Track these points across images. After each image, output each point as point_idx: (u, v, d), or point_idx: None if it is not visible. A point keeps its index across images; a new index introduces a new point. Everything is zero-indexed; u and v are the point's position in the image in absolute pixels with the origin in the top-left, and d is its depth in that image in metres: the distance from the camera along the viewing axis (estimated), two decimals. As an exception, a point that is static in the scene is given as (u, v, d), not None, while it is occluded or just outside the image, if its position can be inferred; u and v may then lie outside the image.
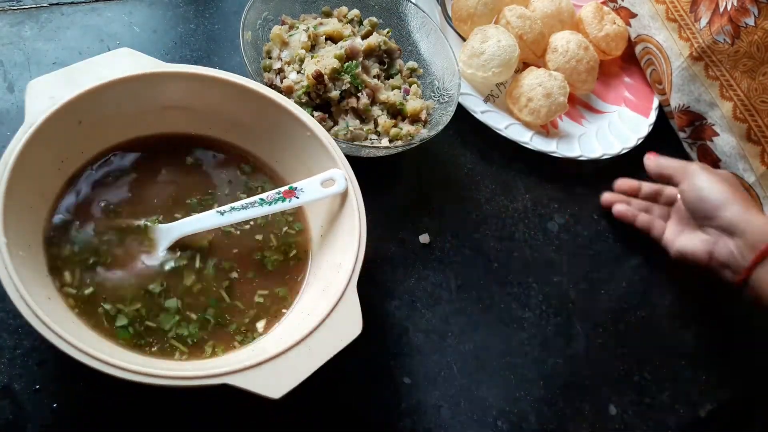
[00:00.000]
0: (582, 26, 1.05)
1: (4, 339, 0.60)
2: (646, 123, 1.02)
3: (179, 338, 0.60)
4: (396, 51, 0.87)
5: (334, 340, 0.57)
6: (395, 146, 0.77)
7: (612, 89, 1.06)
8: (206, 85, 0.68)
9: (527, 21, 0.97)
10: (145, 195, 0.66)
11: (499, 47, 0.90)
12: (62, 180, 0.63)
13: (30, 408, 0.58)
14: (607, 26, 1.04)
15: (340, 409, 0.66)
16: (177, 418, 0.61)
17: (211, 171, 0.71)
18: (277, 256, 0.68)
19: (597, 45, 1.03)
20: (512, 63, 0.91)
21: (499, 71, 0.91)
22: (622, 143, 0.97)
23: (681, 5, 0.98)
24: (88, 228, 0.62)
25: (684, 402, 0.79)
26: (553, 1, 1.03)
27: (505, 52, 0.90)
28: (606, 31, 1.04)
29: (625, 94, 1.06)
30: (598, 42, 1.03)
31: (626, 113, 1.03)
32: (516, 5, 0.99)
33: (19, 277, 0.51)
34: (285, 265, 0.68)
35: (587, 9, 1.06)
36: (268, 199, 0.65)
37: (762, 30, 0.86)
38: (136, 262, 0.62)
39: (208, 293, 0.63)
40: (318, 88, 0.78)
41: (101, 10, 0.84)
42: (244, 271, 0.66)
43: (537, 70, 0.94)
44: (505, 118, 0.92)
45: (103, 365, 0.50)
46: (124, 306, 0.60)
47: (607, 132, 0.99)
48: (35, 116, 0.59)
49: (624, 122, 1.01)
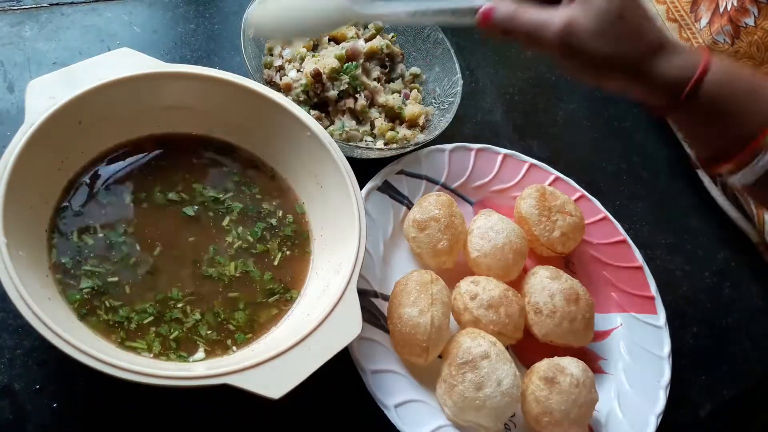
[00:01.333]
0: (526, 226, 0.79)
1: (4, 339, 0.60)
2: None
3: (180, 339, 0.60)
4: (398, 55, 0.87)
5: (334, 340, 0.57)
6: (389, 149, 0.77)
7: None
8: (206, 85, 0.68)
9: (500, 307, 0.70)
10: (145, 194, 0.67)
11: (503, 393, 0.64)
12: (62, 180, 0.63)
13: (30, 408, 0.58)
14: (560, 221, 0.78)
15: (340, 409, 0.66)
16: (177, 418, 0.61)
17: (211, 170, 0.71)
18: (277, 256, 0.68)
19: (550, 247, 0.79)
20: (518, 398, 0.67)
21: (503, 422, 0.68)
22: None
23: (681, 5, 0.98)
24: (88, 228, 0.62)
25: (684, 402, 0.79)
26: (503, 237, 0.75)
27: (512, 396, 0.65)
28: (560, 228, 0.78)
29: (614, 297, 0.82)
30: (553, 245, 0.79)
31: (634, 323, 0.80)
32: (467, 282, 0.72)
33: (19, 277, 0.51)
34: (285, 265, 0.68)
35: (528, 202, 0.79)
36: None
37: (762, 30, 0.86)
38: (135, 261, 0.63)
39: (208, 293, 0.63)
40: (316, 87, 0.78)
41: (101, 10, 0.84)
42: (244, 270, 0.66)
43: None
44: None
45: (103, 365, 0.50)
46: (124, 306, 0.60)
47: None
48: (35, 116, 0.59)
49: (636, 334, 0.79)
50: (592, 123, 1.03)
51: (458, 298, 0.71)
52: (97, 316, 0.58)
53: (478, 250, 0.75)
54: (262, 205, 0.71)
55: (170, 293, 0.62)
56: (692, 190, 1.01)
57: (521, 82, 1.03)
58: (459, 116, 0.83)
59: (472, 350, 0.65)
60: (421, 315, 0.66)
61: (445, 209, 0.75)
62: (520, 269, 0.77)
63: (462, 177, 0.84)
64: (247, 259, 0.67)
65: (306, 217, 0.71)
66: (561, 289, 0.73)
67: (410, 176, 0.81)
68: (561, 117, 1.02)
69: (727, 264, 0.95)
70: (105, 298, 0.59)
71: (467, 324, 0.70)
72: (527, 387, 0.67)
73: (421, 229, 0.74)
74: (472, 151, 0.85)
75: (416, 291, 0.67)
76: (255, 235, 0.68)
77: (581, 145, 1.00)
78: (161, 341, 0.59)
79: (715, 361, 0.84)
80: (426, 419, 0.65)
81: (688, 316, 0.87)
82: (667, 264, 0.91)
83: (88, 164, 0.65)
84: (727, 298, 0.91)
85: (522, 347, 0.74)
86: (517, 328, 0.71)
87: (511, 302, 0.71)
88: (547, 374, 0.66)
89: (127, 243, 0.63)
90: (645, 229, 0.93)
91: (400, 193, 0.79)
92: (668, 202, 0.99)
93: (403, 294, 0.68)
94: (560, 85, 1.06)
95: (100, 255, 0.61)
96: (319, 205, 0.70)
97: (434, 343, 0.66)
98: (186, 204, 0.68)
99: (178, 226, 0.66)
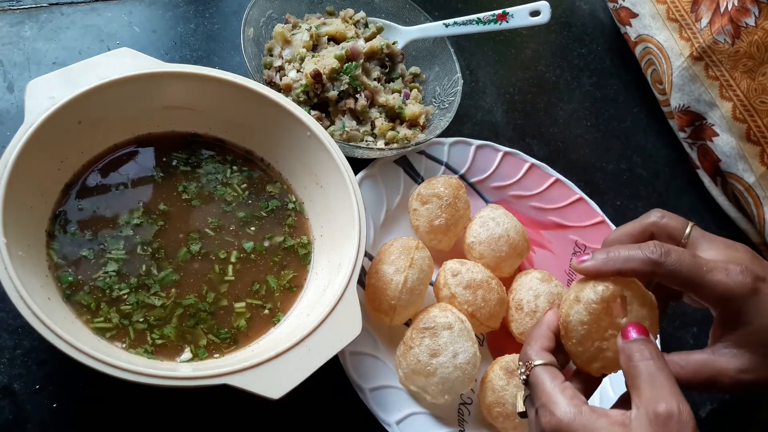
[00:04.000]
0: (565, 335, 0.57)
1: (4, 339, 0.60)
2: None
3: (180, 339, 0.60)
4: (398, 55, 0.87)
5: (333, 340, 0.57)
6: (390, 149, 0.77)
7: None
8: (206, 85, 0.68)
9: (478, 290, 0.69)
10: (145, 194, 0.66)
11: (455, 366, 0.64)
12: (62, 180, 0.63)
13: (30, 408, 0.58)
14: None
15: (339, 409, 0.66)
16: (177, 418, 0.61)
17: (211, 170, 0.71)
18: (277, 256, 0.68)
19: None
20: (473, 378, 0.66)
21: (453, 398, 0.67)
22: None
23: (682, 5, 0.98)
24: (88, 228, 0.62)
25: (684, 402, 0.79)
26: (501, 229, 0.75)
27: (464, 372, 0.65)
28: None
29: None
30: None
31: None
32: (454, 261, 0.72)
33: (19, 277, 0.51)
34: (285, 265, 0.68)
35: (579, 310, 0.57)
36: (483, 20, 0.78)
37: (762, 30, 0.86)
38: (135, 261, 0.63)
39: (208, 294, 0.63)
40: (316, 88, 0.78)
41: (101, 10, 0.84)
42: (245, 271, 0.66)
43: None
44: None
45: (103, 365, 0.50)
46: (124, 306, 0.60)
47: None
48: (35, 116, 0.59)
49: None
50: (592, 123, 1.03)
51: (441, 274, 0.72)
52: (98, 316, 0.58)
53: (474, 236, 0.76)
54: (262, 204, 0.71)
55: (170, 293, 0.62)
56: (692, 190, 1.01)
57: (521, 82, 1.03)
58: (459, 116, 0.83)
59: (436, 319, 0.66)
60: (396, 273, 0.67)
61: (451, 190, 0.76)
62: (513, 268, 0.77)
63: (483, 174, 0.85)
64: (246, 258, 0.67)
65: (306, 217, 0.71)
66: (548, 293, 0.72)
67: (430, 158, 0.83)
68: (561, 117, 1.02)
69: (727, 264, 0.95)
70: (105, 298, 0.59)
71: (444, 299, 0.71)
72: (487, 375, 0.68)
73: (423, 203, 0.75)
74: (499, 152, 0.86)
75: (398, 252, 0.69)
76: (254, 235, 0.68)
77: (581, 145, 1.00)
78: (161, 341, 0.59)
79: (715, 361, 0.84)
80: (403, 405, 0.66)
81: (688, 316, 0.87)
82: (667, 264, 0.91)
83: (88, 164, 0.65)
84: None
85: (498, 343, 0.75)
86: (493, 316, 0.71)
87: (492, 289, 0.71)
88: (509, 365, 0.67)
89: (127, 243, 0.63)
90: (645, 229, 0.93)
91: (415, 170, 0.82)
92: (668, 202, 0.99)
93: (386, 254, 0.70)
94: (560, 85, 1.06)
95: (100, 255, 0.61)
96: (319, 206, 0.70)
97: (403, 304, 0.67)
98: (186, 203, 0.68)
99: (178, 225, 0.66)
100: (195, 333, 0.61)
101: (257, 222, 0.69)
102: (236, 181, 0.71)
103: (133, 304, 0.60)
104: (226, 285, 0.64)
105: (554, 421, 0.47)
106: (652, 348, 0.48)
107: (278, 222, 0.70)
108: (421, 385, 0.65)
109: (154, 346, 0.59)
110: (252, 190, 0.71)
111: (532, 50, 1.09)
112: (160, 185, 0.68)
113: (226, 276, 0.65)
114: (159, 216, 0.66)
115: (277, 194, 0.72)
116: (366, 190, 0.77)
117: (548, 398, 0.48)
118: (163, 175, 0.68)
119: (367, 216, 0.74)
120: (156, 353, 0.58)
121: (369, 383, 0.65)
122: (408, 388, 0.67)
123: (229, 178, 0.71)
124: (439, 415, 0.67)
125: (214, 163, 0.71)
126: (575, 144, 0.99)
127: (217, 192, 0.70)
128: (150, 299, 0.61)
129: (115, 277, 0.61)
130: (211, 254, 0.65)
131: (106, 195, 0.65)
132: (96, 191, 0.65)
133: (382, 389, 0.66)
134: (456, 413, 0.68)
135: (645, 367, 0.47)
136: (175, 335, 0.60)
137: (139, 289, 0.61)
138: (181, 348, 0.60)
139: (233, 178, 0.71)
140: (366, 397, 0.64)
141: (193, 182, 0.69)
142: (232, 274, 0.65)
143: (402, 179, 0.80)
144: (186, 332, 0.60)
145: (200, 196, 0.69)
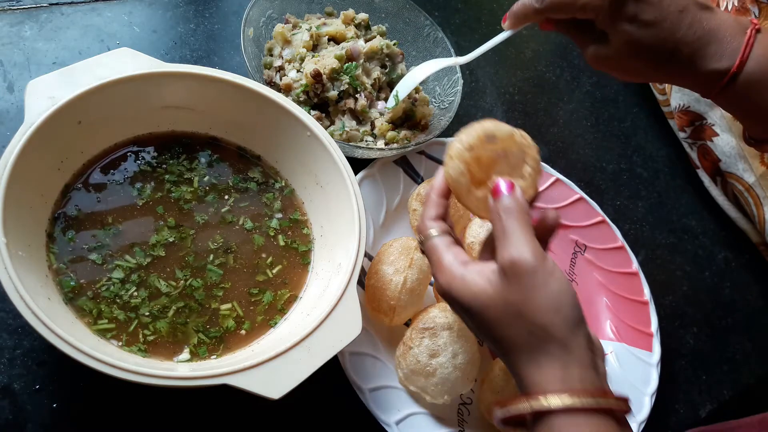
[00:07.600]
0: None
1: (4, 339, 0.60)
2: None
3: (180, 339, 0.60)
4: (398, 55, 0.87)
5: (333, 340, 0.57)
6: (390, 149, 0.77)
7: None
8: (206, 85, 0.68)
9: None
10: (144, 194, 0.67)
11: (455, 366, 0.65)
12: (62, 180, 0.63)
13: (30, 408, 0.58)
14: None
15: (339, 409, 0.66)
16: (176, 418, 0.61)
17: (210, 170, 0.71)
18: (277, 256, 0.68)
19: None
20: (472, 378, 0.67)
21: (452, 398, 0.67)
22: None
23: (681, 5, 0.98)
24: (88, 228, 0.62)
25: (684, 402, 0.79)
26: None
27: (464, 373, 0.65)
28: None
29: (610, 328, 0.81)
30: None
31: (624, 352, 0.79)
32: None
33: (19, 277, 0.51)
34: (285, 265, 0.68)
35: None
36: None
37: (762, 30, 0.86)
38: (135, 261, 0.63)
39: (208, 294, 0.63)
40: (316, 88, 0.78)
41: (101, 10, 0.84)
42: (245, 271, 0.66)
43: None
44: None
45: (103, 365, 0.50)
46: (124, 306, 0.60)
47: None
48: (35, 116, 0.59)
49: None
50: (592, 123, 1.03)
51: None
52: (98, 315, 0.58)
53: (473, 236, 0.76)
54: (261, 204, 0.71)
55: (171, 293, 0.62)
56: (692, 190, 1.01)
57: (521, 82, 1.03)
58: (459, 116, 0.83)
59: (436, 319, 0.66)
60: (396, 274, 0.67)
61: None
62: None
63: None
64: (246, 258, 0.67)
65: (306, 217, 0.71)
66: None
67: (430, 159, 0.82)
68: (561, 117, 1.02)
69: (727, 264, 0.95)
70: (105, 298, 0.59)
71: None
72: (487, 375, 0.68)
73: (423, 203, 0.74)
74: None
75: (398, 253, 0.69)
76: (254, 235, 0.68)
77: (581, 145, 1.00)
78: (161, 341, 0.59)
79: (715, 361, 0.85)
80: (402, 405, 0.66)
81: (688, 316, 0.87)
82: (667, 264, 0.91)
83: (88, 164, 0.65)
84: (727, 298, 0.91)
85: None
86: None
87: None
88: None
89: (127, 243, 0.63)
90: (645, 229, 0.93)
91: (415, 170, 0.81)
92: (668, 202, 0.99)
93: (386, 254, 0.70)
94: (560, 85, 1.06)
95: (100, 255, 0.61)
96: (319, 206, 0.70)
97: (402, 304, 0.67)
98: (186, 204, 0.68)
99: (178, 225, 0.66)
100: (195, 333, 0.61)
101: (257, 222, 0.69)
102: (236, 181, 0.71)
103: (134, 303, 0.60)
104: (226, 284, 0.64)
105: (442, 280, 0.52)
106: (515, 204, 0.51)
107: (278, 222, 0.70)
108: (420, 385, 0.65)
109: (153, 346, 0.59)
110: (252, 190, 0.71)
111: (532, 50, 1.09)
112: (160, 185, 0.68)
113: (226, 275, 0.65)
114: (159, 216, 0.66)
115: (277, 194, 0.72)
116: (366, 190, 0.77)
117: (439, 262, 0.53)
118: (163, 174, 0.68)
119: (367, 216, 0.74)
120: (156, 353, 0.58)
121: (368, 383, 0.65)
122: (408, 389, 0.67)
123: (228, 178, 0.71)
124: (439, 415, 0.67)
125: (213, 163, 0.71)
126: (575, 144, 0.99)
127: (217, 192, 0.70)
128: (154, 290, 0.61)
129: (117, 281, 0.61)
130: (211, 253, 0.66)
131: (106, 195, 0.65)
132: (96, 191, 0.65)
133: (382, 389, 0.66)
134: (456, 413, 0.68)
135: (507, 224, 0.50)
136: (167, 331, 0.60)
137: (141, 287, 0.61)
138: (178, 346, 0.60)
139: (233, 178, 0.71)
140: (365, 397, 0.64)
141: (192, 182, 0.69)
142: (232, 274, 0.65)
143: (402, 179, 0.80)
144: (183, 331, 0.60)
145: (200, 196, 0.69)
